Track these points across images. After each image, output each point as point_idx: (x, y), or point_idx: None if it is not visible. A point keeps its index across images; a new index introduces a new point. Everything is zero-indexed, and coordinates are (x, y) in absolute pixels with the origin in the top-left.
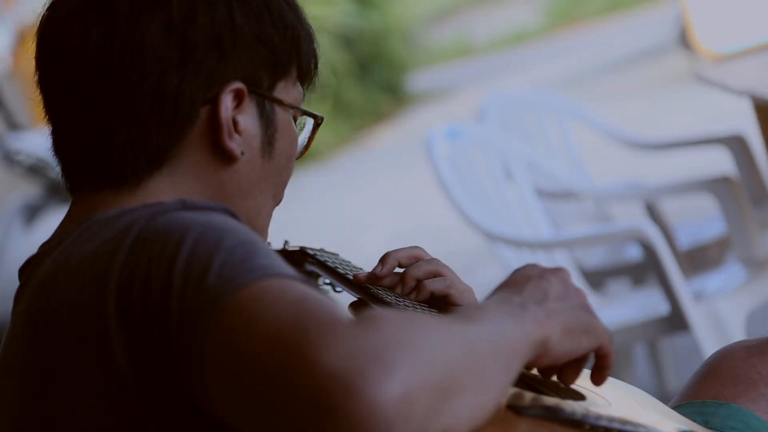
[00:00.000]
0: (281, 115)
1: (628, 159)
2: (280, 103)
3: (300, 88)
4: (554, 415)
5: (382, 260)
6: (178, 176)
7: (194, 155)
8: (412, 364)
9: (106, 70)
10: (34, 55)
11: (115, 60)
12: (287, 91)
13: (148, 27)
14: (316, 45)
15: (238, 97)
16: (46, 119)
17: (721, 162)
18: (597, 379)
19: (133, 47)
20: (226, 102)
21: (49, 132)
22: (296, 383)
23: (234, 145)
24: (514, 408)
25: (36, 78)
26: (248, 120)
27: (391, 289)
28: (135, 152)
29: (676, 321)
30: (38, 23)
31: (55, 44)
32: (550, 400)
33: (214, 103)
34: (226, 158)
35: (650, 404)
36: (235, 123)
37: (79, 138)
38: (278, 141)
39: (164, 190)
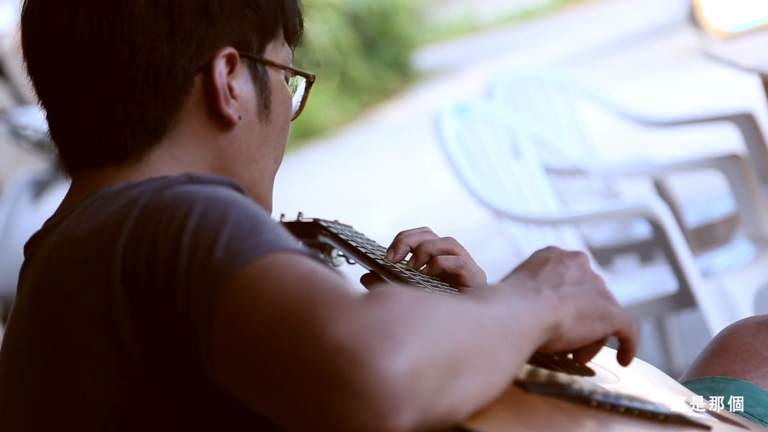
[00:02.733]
0: (274, 77)
1: (637, 136)
2: (272, 64)
3: (288, 48)
4: (561, 391)
5: (394, 246)
6: (179, 147)
7: (193, 124)
8: (420, 339)
9: (96, 49)
10: (20, 42)
11: (105, 38)
12: (276, 52)
13: (135, 1)
14: (299, 4)
15: (231, 62)
16: (40, 104)
17: (729, 139)
18: (621, 361)
19: (122, 23)
20: (220, 67)
21: (45, 116)
22: (304, 358)
23: (231, 110)
24: (521, 384)
25: (25, 65)
26: (242, 84)
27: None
28: (134, 127)
29: (683, 298)
30: (21, 10)
31: (41, 29)
32: (558, 377)
33: (208, 70)
34: (225, 124)
35: (660, 380)
36: (230, 88)
37: (77, 118)
38: (273, 103)
39: (166, 162)
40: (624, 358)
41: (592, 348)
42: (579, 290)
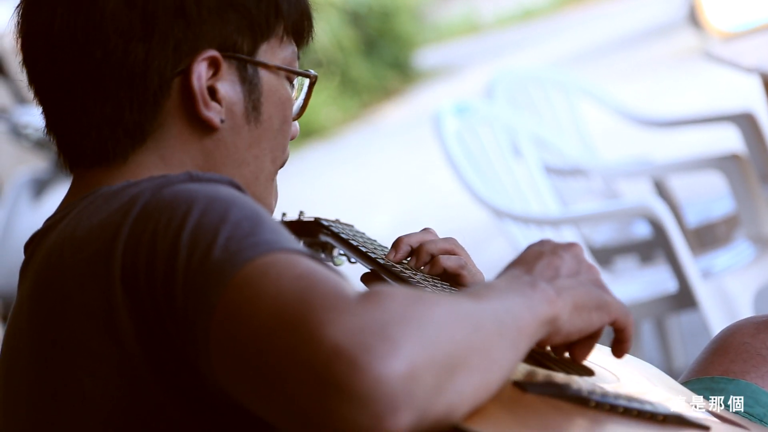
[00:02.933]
0: (267, 78)
1: (637, 136)
2: (264, 65)
3: (292, 47)
4: (560, 392)
5: (395, 246)
6: (165, 149)
7: (176, 127)
8: (417, 340)
9: (71, 48)
10: (17, 39)
11: (79, 38)
12: (273, 52)
13: (109, 1)
14: (303, 3)
15: (215, 65)
16: (36, 101)
17: (729, 139)
18: (617, 351)
19: (95, 24)
20: (199, 71)
21: (41, 112)
22: (301, 358)
23: (212, 114)
24: (519, 385)
25: (20, 62)
26: (228, 87)
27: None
28: (112, 129)
29: (684, 298)
30: (18, 7)
31: (28, 27)
32: (557, 377)
33: (187, 74)
34: (206, 128)
35: (660, 380)
36: (214, 91)
37: (61, 118)
38: (265, 105)
39: (154, 163)
40: (619, 349)
41: (589, 341)
42: (575, 282)
